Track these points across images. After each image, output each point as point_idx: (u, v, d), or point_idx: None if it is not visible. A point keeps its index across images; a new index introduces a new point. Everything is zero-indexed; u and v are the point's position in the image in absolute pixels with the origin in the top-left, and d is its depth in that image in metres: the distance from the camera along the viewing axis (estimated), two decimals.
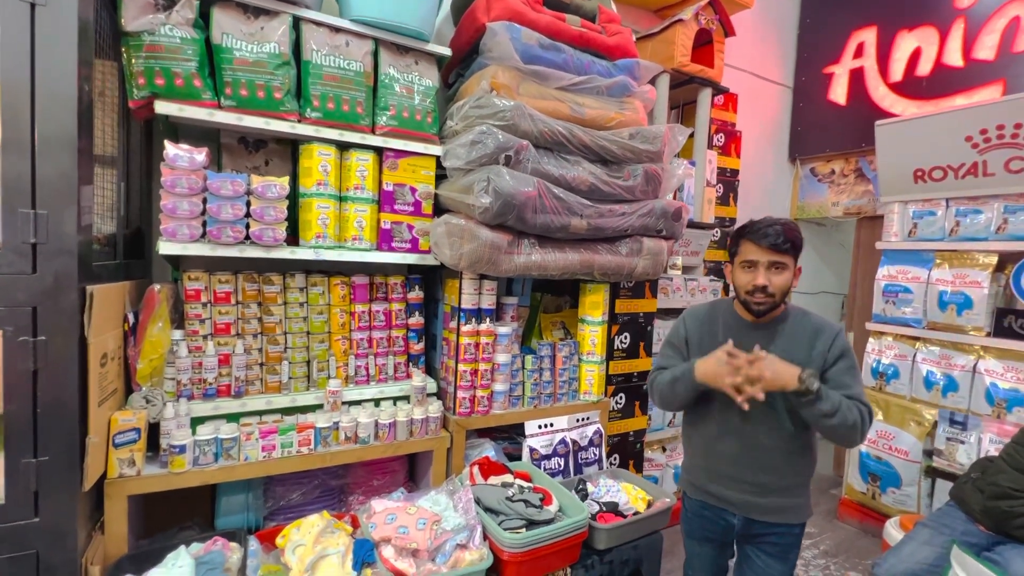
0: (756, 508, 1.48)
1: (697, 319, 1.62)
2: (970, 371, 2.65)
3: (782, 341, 1.45)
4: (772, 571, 1.51)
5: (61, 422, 1.25)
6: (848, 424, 1.31)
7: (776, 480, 1.46)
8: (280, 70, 1.64)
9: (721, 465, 1.52)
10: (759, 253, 1.40)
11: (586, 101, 2.05)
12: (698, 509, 1.62)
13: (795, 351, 1.42)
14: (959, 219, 2.77)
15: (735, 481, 1.50)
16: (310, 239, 1.79)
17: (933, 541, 1.74)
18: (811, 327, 1.46)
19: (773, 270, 1.40)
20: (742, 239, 1.46)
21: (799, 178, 4.27)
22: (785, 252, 1.39)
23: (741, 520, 1.52)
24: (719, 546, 1.63)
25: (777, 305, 1.44)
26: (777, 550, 1.51)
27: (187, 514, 1.81)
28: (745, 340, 1.45)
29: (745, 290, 1.44)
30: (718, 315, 1.58)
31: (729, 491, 1.51)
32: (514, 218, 1.79)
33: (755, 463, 1.47)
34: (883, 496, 2.93)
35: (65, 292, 1.24)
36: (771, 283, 1.39)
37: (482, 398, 2.03)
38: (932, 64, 3.30)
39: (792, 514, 1.48)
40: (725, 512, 1.54)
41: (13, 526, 1.21)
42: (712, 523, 1.58)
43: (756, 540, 1.53)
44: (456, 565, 1.51)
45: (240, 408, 1.72)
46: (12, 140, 1.19)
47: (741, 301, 1.49)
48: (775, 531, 1.49)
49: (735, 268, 1.49)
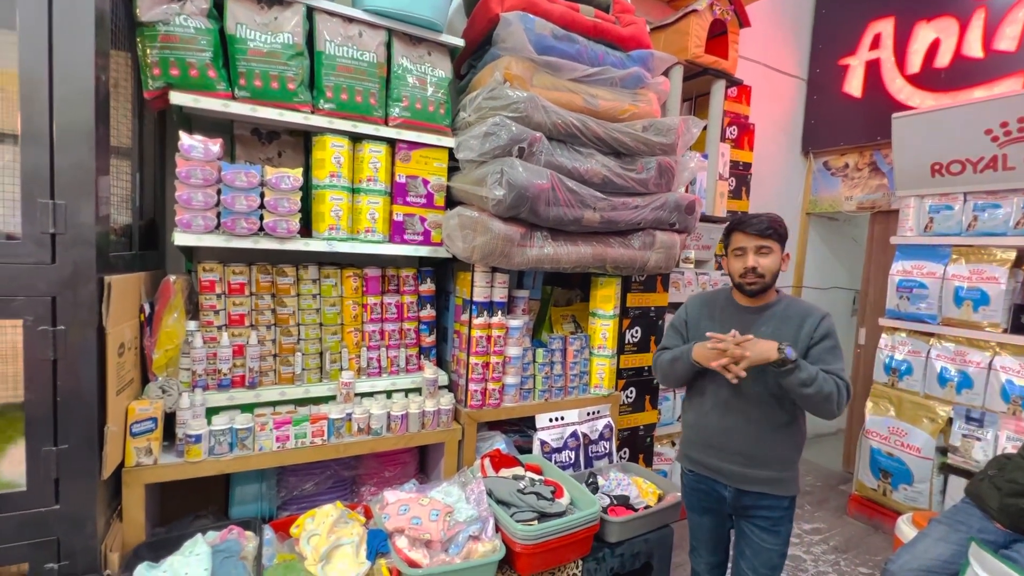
0: (744, 479, 1.59)
1: (698, 304, 1.78)
2: (985, 368, 2.62)
3: (773, 322, 1.59)
4: (766, 544, 1.61)
5: (80, 411, 1.26)
6: (824, 393, 1.44)
7: (763, 452, 1.57)
8: (294, 61, 1.64)
9: (713, 437, 1.65)
10: (747, 240, 1.57)
11: (600, 93, 2.03)
12: (694, 483, 1.74)
13: (785, 331, 1.57)
14: (977, 214, 2.73)
15: (725, 452, 1.62)
16: (323, 231, 1.79)
17: (948, 538, 1.72)
18: (800, 311, 1.60)
19: (760, 253, 1.56)
20: (733, 232, 1.63)
21: (812, 172, 4.22)
22: (769, 237, 1.56)
23: (732, 492, 1.63)
24: (717, 516, 1.74)
25: (768, 287, 1.60)
26: (768, 523, 1.61)
27: (202, 503, 1.83)
28: (739, 322, 1.62)
29: (739, 274, 1.60)
30: (717, 300, 1.74)
31: (720, 462, 1.63)
32: (527, 211, 1.78)
33: (743, 435, 1.59)
34: (894, 493, 2.91)
35: (83, 282, 1.25)
36: (759, 264, 1.56)
37: (493, 391, 2.03)
38: (951, 55, 3.24)
39: (779, 486, 1.58)
40: (717, 484, 1.66)
41: (35, 512, 1.23)
42: (706, 495, 1.71)
43: (748, 513, 1.64)
44: (469, 556, 1.51)
45: (254, 399, 1.73)
46: (30, 131, 1.19)
47: (736, 285, 1.65)
48: (764, 504, 1.59)
49: (729, 258, 1.66)
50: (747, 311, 1.65)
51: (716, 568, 1.82)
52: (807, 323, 1.56)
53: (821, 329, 1.55)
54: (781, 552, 1.63)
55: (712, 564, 1.81)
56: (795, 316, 1.58)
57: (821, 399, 1.45)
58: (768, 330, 1.57)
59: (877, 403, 3.05)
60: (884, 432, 2.96)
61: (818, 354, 1.53)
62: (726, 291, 1.75)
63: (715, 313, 1.70)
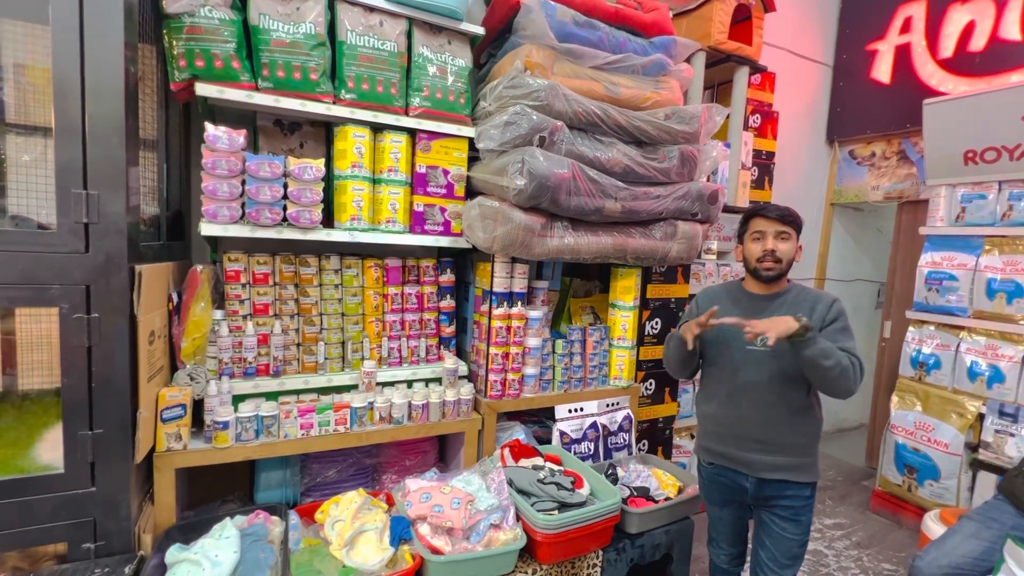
0: (765, 466, 1.59)
1: (708, 296, 1.79)
2: (1019, 362, 2.54)
3: (785, 309, 1.60)
4: (787, 534, 1.61)
5: (114, 396, 1.30)
6: (843, 366, 1.44)
7: (780, 438, 1.57)
8: (316, 51, 1.64)
9: (731, 427, 1.65)
10: (767, 224, 1.60)
11: (621, 80, 2.00)
12: (713, 475, 1.74)
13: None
14: (1012, 203, 2.63)
15: (744, 440, 1.62)
16: (345, 221, 1.80)
17: (980, 535, 1.68)
18: (811, 297, 1.62)
19: (780, 238, 1.59)
20: (752, 217, 1.66)
21: (836, 161, 4.11)
22: (789, 224, 1.59)
23: (753, 482, 1.62)
24: (737, 507, 1.74)
25: (783, 274, 1.63)
26: (790, 513, 1.60)
27: (228, 488, 1.88)
28: (751, 309, 1.64)
29: (756, 258, 1.62)
30: (729, 291, 1.76)
31: (740, 451, 1.63)
32: (548, 200, 1.77)
33: (760, 422, 1.59)
34: (920, 489, 2.85)
35: (116, 271, 1.27)
36: (778, 248, 1.58)
37: (513, 381, 2.04)
38: (987, 38, 3.11)
39: (800, 472, 1.58)
40: (738, 474, 1.66)
41: (72, 494, 1.27)
42: (726, 487, 1.71)
43: (769, 503, 1.63)
44: (490, 544, 1.52)
45: (279, 387, 1.76)
46: (64, 124, 1.22)
47: (751, 271, 1.66)
48: (786, 493, 1.59)
49: (746, 242, 1.67)
50: (759, 299, 1.66)
51: (736, 559, 1.83)
52: (818, 308, 1.58)
53: (833, 311, 1.57)
54: (802, 541, 1.63)
55: (732, 555, 1.82)
56: (806, 303, 1.60)
57: (839, 372, 1.44)
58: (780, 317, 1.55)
59: (903, 397, 2.99)
60: (910, 427, 2.90)
61: (831, 335, 1.54)
62: (736, 283, 1.76)
63: (726, 302, 1.71)
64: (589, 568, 1.74)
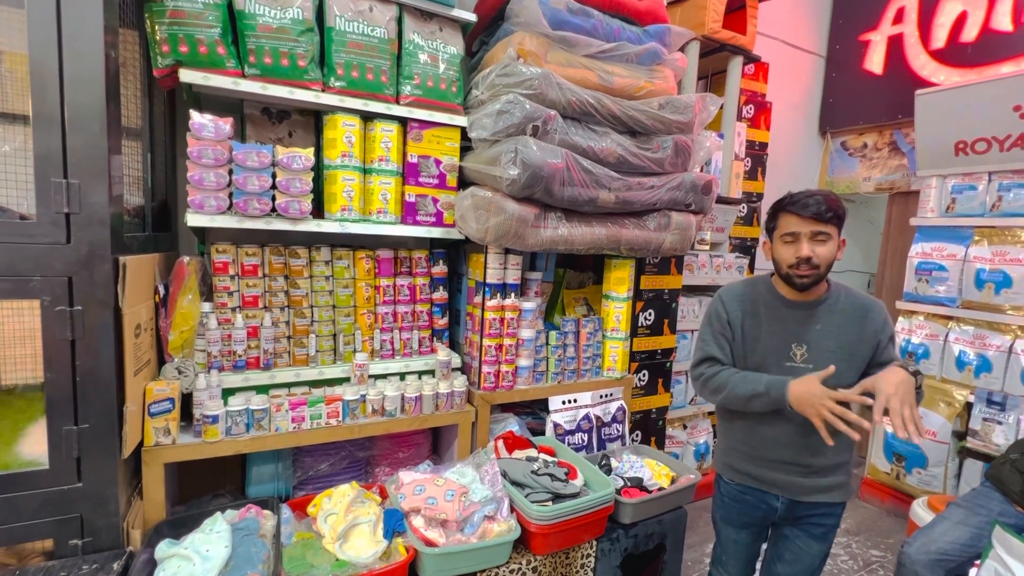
0: (803, 489, 1.44)
1: (736, 299, 1.52)
2: (1006, 352, 2.58)
3: (832, 319, 1.41)
4: (811, 551, 1.49)
5: (99, 391, 1.27)
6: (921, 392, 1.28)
7: (825, 460, 1.42)
8: (304, 37, 1.60)
9: (768, 448, 1.47)
10: (801, 224, 1.35)
11: (615, 69, 1.98)
12: (738, 494, 1.57)
13: (847, 330, 1.39)
14: (1002, 194, 2.65)
15: (783, 464, 1.45)
16: (335, 212, 1.77)
17: (968, 521, 1.71)
18: (859, 303, 1.43)
19: (817, 240, 1.34)
20: (781, 212, 1.40)
21: (829, 152, 4.13)
22: (828, 222, 1.33)
23: (785, 503, 1.48)
24: (757, 531, 1.60)
25: (821, 279, 1.38)
26: (820, 531, 1.48)
27: (219, 482, 1.86)
28: (791, 319, 1.43)
29: (788, 264, 1.38)
30: (758, 294, 1.51)
31: (775, 473, 1.47)
32: (541, 191, 1.75)
33: (805, 445, 1.41)
34: (908, 476, 2.90)
35: (99, 262, 1.24)
36: (815, 254, 1.33)
37: (506, 373, 2.03)
38: (979, 29, 3.12)
39: (838, 492, 1.45)
40: (768, 495, 1.50)
41: (58, 490, 1.25)
42: (753, 507, 1.55)
43: (799, 522, 1.50)
44: (484, 536, 1.52)
45: (269, 380, 1.74)
46: (42, 111, 1.18)
47: (783, 276, 1.43)
48: (819, 511, 1.47)
49: (775, 243, 1.43)
50: (798, 307, 1.44)
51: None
52: (870, 318, 1.40)
53: (888, 328, 1.41)
54: (824, 555, 1.51)
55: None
56: (855, 310, 1.41)
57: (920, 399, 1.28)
58: (824, 328, 1.40)
59: None
60: None
61: (889, 352, 1.40)
62: (764, 281, 1.52)
63: (759, 309, 1.48)
64: (583, 558, 1.75)
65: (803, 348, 1.41)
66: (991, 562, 1.51)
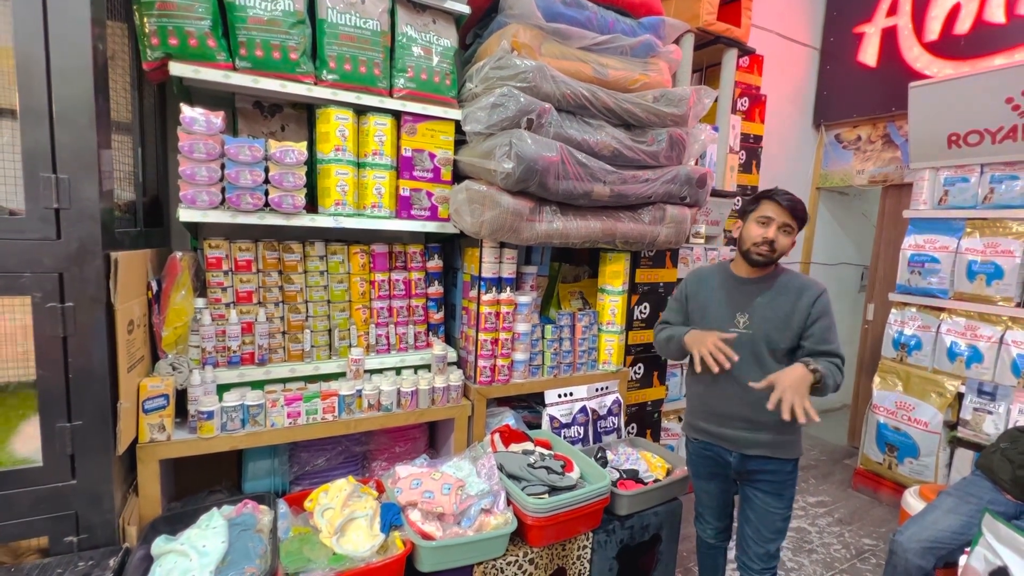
0: (749, 443, 1.64)
1: (697, 277, 1.82)
2: (996, 342, 2.60)
3: (771, 293, 1.64)
4: (770, 508, 1.66)
5: (92, 387, 1.26)
6: (836, 383, 1.52)
7: (764, 416, 1.55)
8: (295, 29, 1.58)
9: (718, 406, 1.69)
10: (777, 212, 1.58)
11: (610, 62, 1.97)
12: (700, 450, 1.80)
13: (781, 302, 1.62)
14: (994, 186, 2.67)
15: (730, 419, 1.67)
16: (329, 206, 1.76)
17: (958, 510, 1.73)
18: (798, 284, 1.64)
19: (784, 231, 1.59)
20: (764, 199, 1.62)
21: (823, 145, 4.14)
22: (796, 218, 1.59)
23: (737, 457, 1.68)
24: (723, 481, 1.79)
25: (773, 262, 1.65)
26: (772, 487, 1.65)
27: (215, 478, 1.86)
28: (738, 293, 1.68)
29: (753, 241, 1.61)
30: (716, 273, 1.78)
31: (724, 429, 1.68)
32: (536, 184, 1.74)
33: (744, 402, 1.61)
34: (900, 466, 2.93)
35: (90, 258, 1.23)
36: (777, 240, 1.59)
37: (502, 367, 2.03)
38: (972, 21, 3.13)
39: (782, 449, 1.62)
40: (722, 450, 1.71)
41: (52, 487, 1.24)
42: (713, 461, 1.76)
43: (752, 478, 1.68)
44: (481, 529, 1.53)
45: (264, 376, 1.73)
46: (29, 105, 1.16)
47: (743, 252, 1.66)
48: (768, 468, 1.64)
49: (749, 222, 1.64)
50: (746, 283, 1.69)
51: (722, 532, 1.88)
52: (804, 297, 1.60)
53: (819, 306, 1.59)
54: (785, 516, 1.67)
55: (718, 529, 1.86)
56: (792, 289, 1.63)
57: (833, 387, 1.52)
58: (765, 301, 1.63)
59: (885, 378, 3.05)
60: (891, 407, 2.97)
61: (819, 333, 1.57)
62: (724, 265, 1.79)
63: (714, 284, 1.75)
64: (579, 550, 1.76)
65: (745, 316, 1.65)
66: (981, 549, 1.53)
